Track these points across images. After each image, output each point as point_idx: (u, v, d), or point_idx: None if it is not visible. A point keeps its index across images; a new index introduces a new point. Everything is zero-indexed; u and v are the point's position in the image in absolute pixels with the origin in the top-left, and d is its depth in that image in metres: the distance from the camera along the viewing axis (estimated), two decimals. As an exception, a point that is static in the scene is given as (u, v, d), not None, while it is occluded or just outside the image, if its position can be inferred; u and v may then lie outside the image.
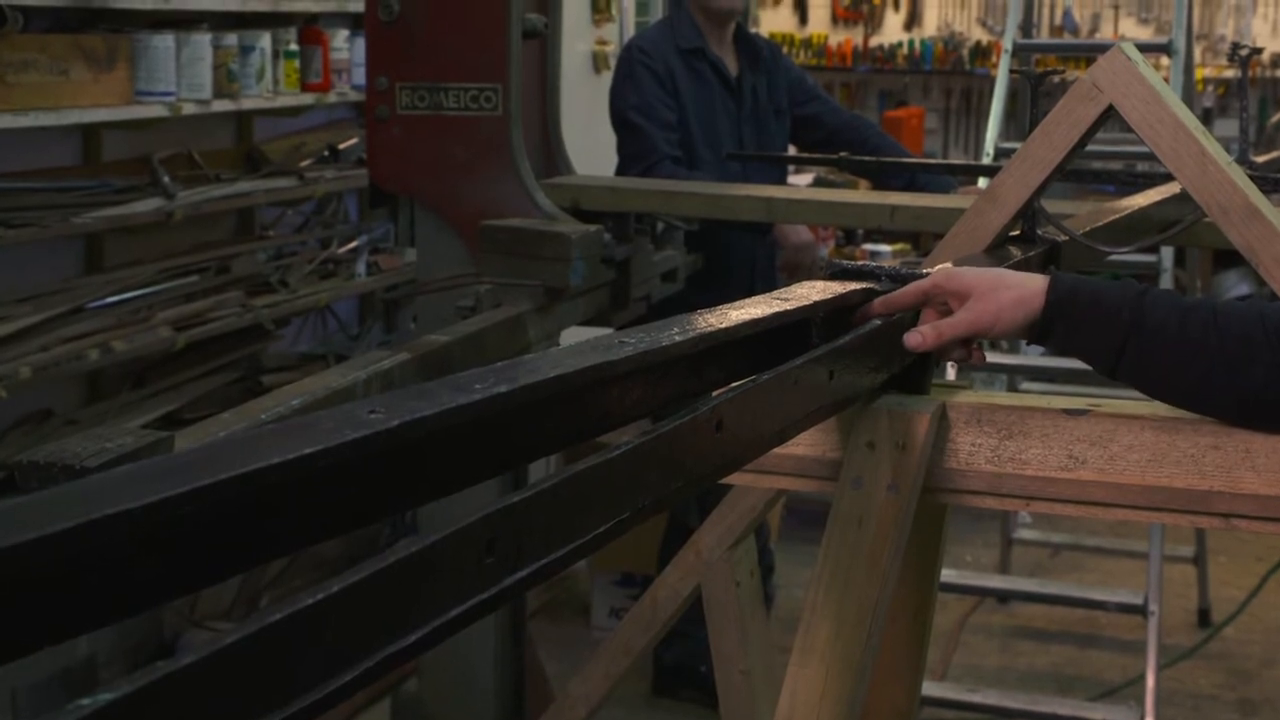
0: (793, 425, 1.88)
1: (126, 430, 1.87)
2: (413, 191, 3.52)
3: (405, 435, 1.17)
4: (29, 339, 3.93)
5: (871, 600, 2.23)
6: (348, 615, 1.12)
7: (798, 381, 1.83)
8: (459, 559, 1.20)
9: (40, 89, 3.99)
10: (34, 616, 0.95)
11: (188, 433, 1.95)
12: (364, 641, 1.14)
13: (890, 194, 4.38)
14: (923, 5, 8.70)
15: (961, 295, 1.92)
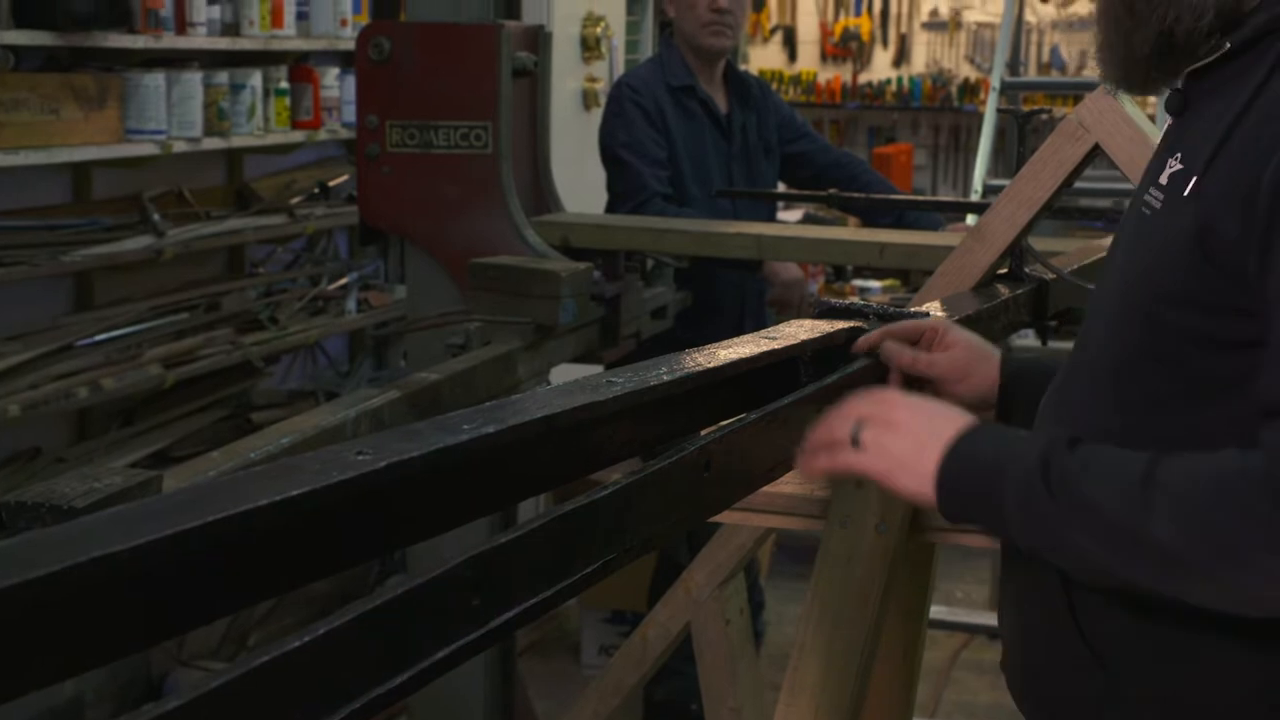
0: (781, 464, 1.88)
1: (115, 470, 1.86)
2: (403, 229, 3.52)
3: (393, 476, 1.18)
4: (18, 377, 3.93)
5: (860, 638, 2.23)
6: (336, 657, 1.12)
7: (786, 420, 1.82)
8: (446, 600, 1.20)
9: (31, 128, 3.99)
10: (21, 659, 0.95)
11: (177, 471, 1.95)
12: (352, 683, 1.14)
13: (879, 231, 4.39)
14: (911, 42, 8.74)
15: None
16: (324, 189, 5.35)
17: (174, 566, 1.03)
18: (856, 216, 5.04)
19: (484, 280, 3.26)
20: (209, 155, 4.91)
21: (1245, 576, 1.40)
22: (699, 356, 1.80)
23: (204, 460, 2.05)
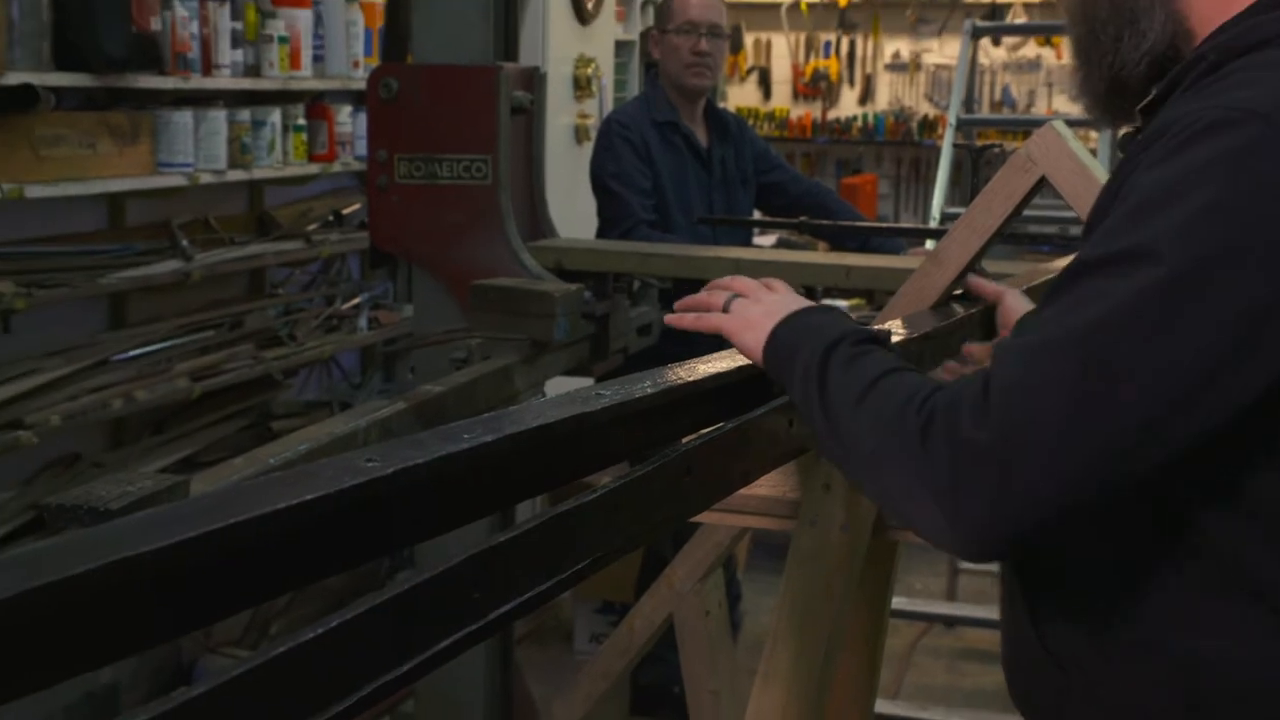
0: (756, 469, 1.88)
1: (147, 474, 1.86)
2: (410, 253, 3.52)
3: (400, 482, 1.18)
4: (58, 389, 3.93)
5: (828, 627, 2.23)
6: (349, 646, 1.12)
7: (760, 429, 1.83)
8: (450, 594, 1.21)
9: (70, 162, 3.99)
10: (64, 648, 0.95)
11: (203, 476, 1.95)
12: (364, 670, 1.14)
13: (846, 255, 4.39)
14: (875, 82, 8.75)
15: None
16: (338, 216, 5.35)
17: (201, 564, 1.03)
18: (826, 241, 5.04)
19: (484, 300, 3.26)
20: (233, 186, 4.91)
21: (890, 480, 1.49)
22: (680, 371, 1.80)
23: (228, 466, 2.05)
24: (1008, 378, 1.39)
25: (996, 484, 1.36)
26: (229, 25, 4.60)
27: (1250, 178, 1.35)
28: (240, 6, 4.68)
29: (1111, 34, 1.62)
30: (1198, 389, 1.35)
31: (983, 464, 1.37)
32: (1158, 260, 1.34)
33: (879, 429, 1.49)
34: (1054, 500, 1.37)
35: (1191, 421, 1.37)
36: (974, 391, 1.41)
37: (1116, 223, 1.41)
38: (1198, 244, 1.34)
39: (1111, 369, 1.35)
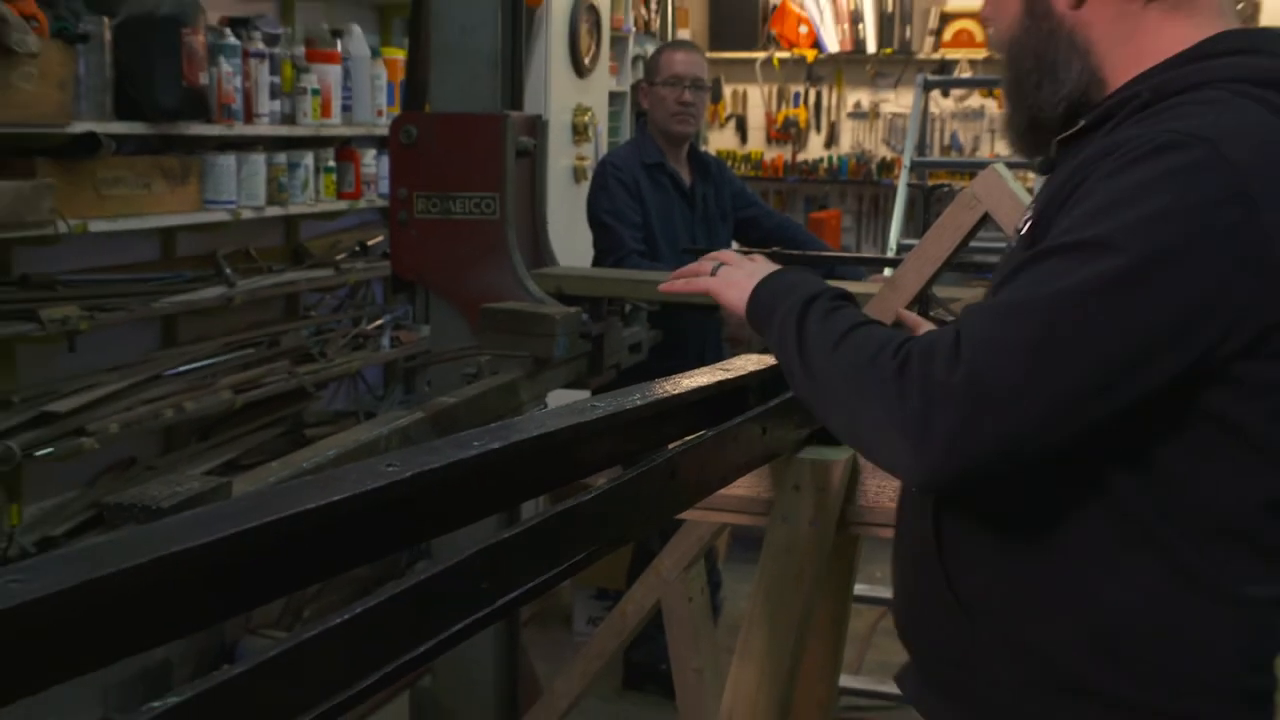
0: (733, 472, 1.89)
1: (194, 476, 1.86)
2: (427, 280, 3.52)
3: (417, 484, 1.18)
4: (117, 401, 3.92)
5: (798, 612, 2.23)
6: (373, 629, 1.12)
7: (737, 437, 1.84)
8: (461, 584, 1.21)
9: (128, 200, 4.00)
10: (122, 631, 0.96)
11: (244, 478, 1.95)
12: (386, 650, 1.14)
13: (813, 281, 4.40)
14: (839, 129, 8.76)
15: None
16: (363, 247, 5.35)
17: (242, 556, 1.03)
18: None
19: (493, 322, 3.26)
20: (270, 220, 4.91)
21: (862, 418, 1.51)
22: (667, 385, 1.81)
23: (266, 469, 2.05)
24: (979, 332, 1.44)
25: (962, 420, 1.41)
26: (268, 79, 4.61)
27: (1196, 192, 1.40)
28: (278, 62, 4.68)
29: (1034, 81, 1.66)
30: (1139, 359, 1.42)
31: (952, 402, 1.41)
32: (1117, 251, 1.40)
33: (855, 368, 1.53)
34: (1009, 440, 1.42)
35: (1130, 387, 1.43)
36: (947, 342, 1.45)
37: (1076, 220, 1.46)
38: (1151, 242, 1.39)
39: (1070, 333, 1.40)
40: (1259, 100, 1.49)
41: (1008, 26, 1.68)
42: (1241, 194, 1.40)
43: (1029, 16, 1.65)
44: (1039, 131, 1.70)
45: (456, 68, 3.46)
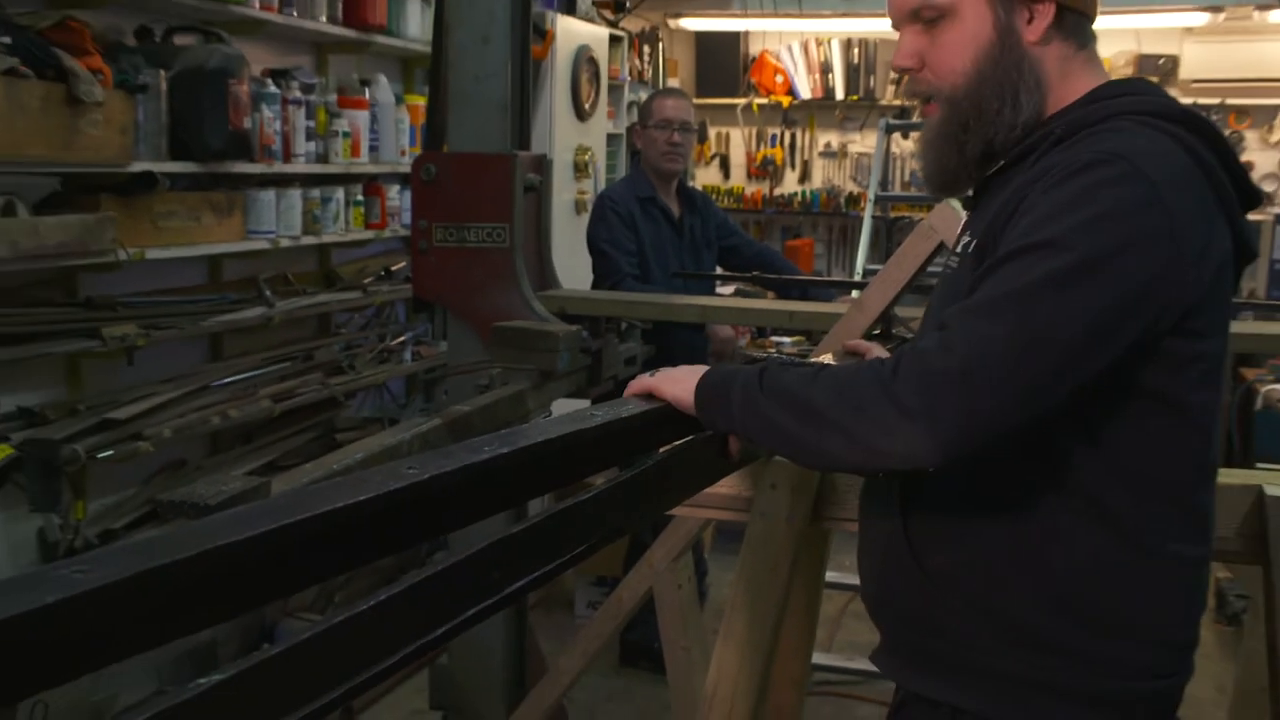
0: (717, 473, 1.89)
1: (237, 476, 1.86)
2: (444, 301, 3.52)
3: (434, 485, 1.18)
4: (169, 409, 3.92)
5: (775, 598, 2.23)
6: (396, 614, 1.12)
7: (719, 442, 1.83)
8: (475, 573, 1.21)
9: (180, 231, 4.00)
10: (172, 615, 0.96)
11: (281, 478, 1.95)
12: (407, 633, 1.14)
13: (789, 302, 4.40)
14: (811, 166, 8.77)
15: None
16: (388, 272, 5.35)
17: (279, 549, 1.03)
18: (773, 291, 5.05)
19: (503, 338, 3.26)
20: (306, 248, 4.91)
21: (864, 426, 1.49)
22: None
23: (301, 470, 2.05)
24: (963, 328, 1.48)
25: (966, 400, 1.45)
26: (304, 123, 4.61)
27: (1124, 198, 1.49)
28: (313, 109, 4.69)
29: (995, 107, 1.67)
30: (1098, 337, 1.48)
31: (954, 387, 1.45)
32: (1067, 248, 1.47)
33: (842, 391, 1.53)
34: (1005, 414, 1.46)
35: (1095, 361, 1.49)
36: (933, 340, 1.50)
37: (1025, 229, 1.52)
38: (1095, 240, 1.47)
39: (1040, 318, 1.46)
40: (1154, 127, 1.59)
41: (969, 61, 1.67)
42: (1158, 199, 1.49)
43: (1000, 46, 1.66)
44: (989, 160, 1.71)
45: (471, 112, 3.47)
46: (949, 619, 1.67)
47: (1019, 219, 1.54)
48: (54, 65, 3.38)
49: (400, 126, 5.26)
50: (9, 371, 3.63)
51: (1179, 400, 1.58)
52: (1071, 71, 1.69)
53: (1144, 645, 1.61)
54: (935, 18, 1.67)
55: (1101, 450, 1.57)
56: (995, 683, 1.64)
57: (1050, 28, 1.67)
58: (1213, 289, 1.56)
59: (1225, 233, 1.59)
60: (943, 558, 1.67)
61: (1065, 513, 1.59)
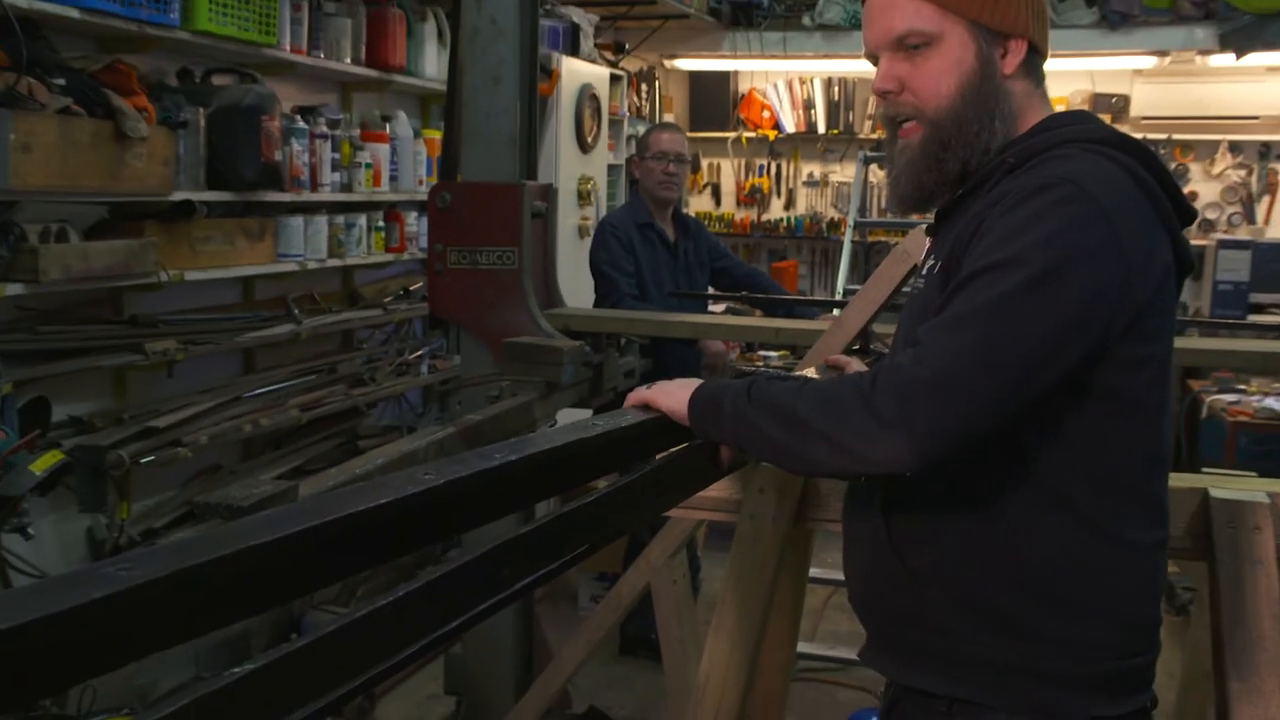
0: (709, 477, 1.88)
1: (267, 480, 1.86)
2: (458, 318, 3.53)
3: (448, 490, 1.18)
4: (206, 418, 3.92)
5: (763, 592, 2.23)
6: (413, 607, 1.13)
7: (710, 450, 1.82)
8: (486, 571, 1.21)
9: (217, 254, 4.00)
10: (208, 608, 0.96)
11: (308, 482, 1.95)
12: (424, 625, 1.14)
13: (776, 320, 4.41)
14: (796, 194, 8.78)
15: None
16: (406, 291, 5.36)
17: (306, 548, 1.03)
18: (761, 309, 5.05)
19: (512, 353, 3.27)
20: (331, 270, 4.91)
21: (846, 435, 1.49)
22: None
23: (326, 475, 2.05)
24: (935, 342, 1.50)
25: (939, 409, 1.46)
26: (330, 155, 4.62)
27: (1075, 217, 1.51)
28: (338, 142, 4.70)
29: (975, 130, 1.68)
30: (1058, 345, 1.49)
31: (928, 397, 1.46)
32: (1025, 264, 1.48)
33: (825, 403, 1.53)
34: (977, 419, 1.47)
35: (1057, 365, 1.50)
36: (907, 354, 1.51)
37: (986, 249, 1.53)
38: (1050, 255, 1.49)
39: (1004, 329, 1.48)
40: (1096, 153, 1.61)
41: (954, 85, 1.67)
42: (1104, 216, 1.51)
43: (981, 75, 1.67)
44: (964, 180, 1.71)
45: (483, 146, 3.48)
46: (933, 613, 1.66)
47: (979, 241, 1.56)
48: (104, 104, 3.40)
49: (418, 158, 5.26)
50: (60, 383, 3.63)
51: (1132, 398, 1.59)
52: (1030, 105, 1.72)
53: (1113, 626, 1.62)
54: (920, 44, 1.67)
55: (1063, 447, 1.58)
56: (980, 671, 1.64)
57: (1020, 64, 1.69)
58: (1158, 296, 1.57)
59: (1166, 245, 1.61)
60: (923, 556, 1.67)
61: (1033, 507, 1.60)
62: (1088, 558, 1.60)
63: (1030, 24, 1.69)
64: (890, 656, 1.77)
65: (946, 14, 1.65)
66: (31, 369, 3.47)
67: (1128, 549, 1.62)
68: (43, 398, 3.51)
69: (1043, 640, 1.61)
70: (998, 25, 1.67)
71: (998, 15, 1.66)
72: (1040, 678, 1.61)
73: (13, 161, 3.07)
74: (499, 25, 3.44)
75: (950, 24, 1.66)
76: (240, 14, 3.96)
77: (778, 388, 1.60)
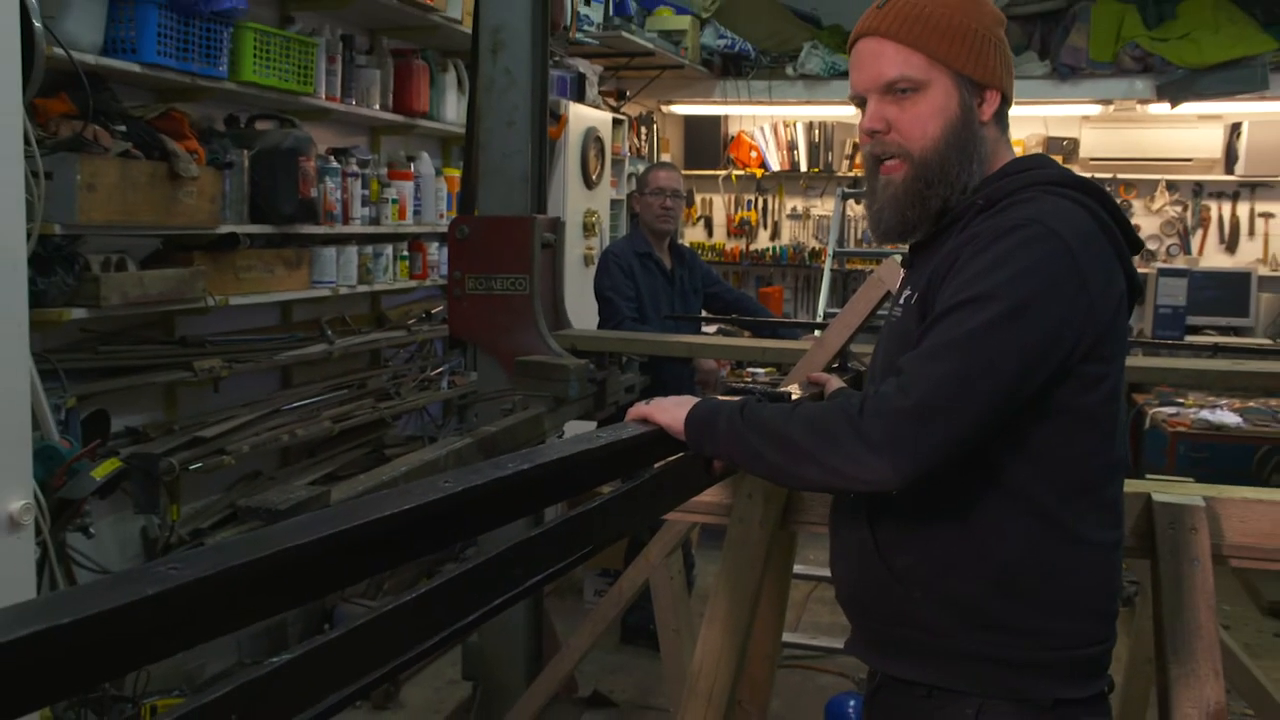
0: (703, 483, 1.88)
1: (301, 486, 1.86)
2: (475, 339, 3.53)
3: (466, 497, 1.18)
4: (248, 428, 3.92)
5: (751, 588, 2.23)
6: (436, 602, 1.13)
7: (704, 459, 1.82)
8: (501, 570, 1.21)
9: (258, 281, 4.01)
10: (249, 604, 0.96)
11: (339, 487, 1.95)
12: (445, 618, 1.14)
13: (763, 340, 4.42)
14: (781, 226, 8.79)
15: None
16: (428, 315, 5.36)
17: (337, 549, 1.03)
18: (749, 330, 5.06)
19: (524, 370, 3.27)
20: (360, 295, 4.92)
21: (836, 457, 1.49)
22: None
23: (355, 481, 2.05)
24: (917, 372, 1.50)
25: (920, 434, 1.46)
26: (360, 192, 4.63)
27: (1040, 255, 1.52)
28: (367, 180, 4.71)
29: (955, 171, 1.68)
30: (1027, 371, 1.50)
31: (910, 422, 1.46)
32: (997, 300, 1.50)
33: (816, 424, 1.53)
34: (955, 442, 1.48)
35: (1025, 391, 1.51)
36: (890, 384, 1.51)
37: (961, 285, 1.54)
38: (1018, 292, 1.50)
39: (981, 358, 1.48)
40: (1057, 194, 1.62)
41: (939, 129, 1.67)
42: (1068, 252, 1.52)
43: (963, 121, 1.67)
44: (944, 215, 1.71)
45: (498, 183, 3.49)
46: (914, 609, 1.66)
47: (954, 276, 1.56)
48: (159, 148, 3.43)
49: (439, 194, 5.28)
50: (118, 397, 3.64)
51: (1090, 413, 1.59)
52: (998, 149, 1.73)
53: (1076, 618, 1.62)
54: (909, 90, 1.67)
55: (1029, 459, 1.58)
56: (956, 661, 1.64)
57: (994, 112, 1.71)
58: (1114, 321, 1.58)
59: (1120, 275, 1.61)
60: (906, 558, 1.67)
61: (1003, 513, 1.60)
62: (1053, 557, 1.60)
63: (1003, 77, 1.71)
64: (876, 650, 1.77)
65: (934, 64, 1.66)
66: (93, 385, 3.48)
67: (1089, 548, 1.62)
68: (103, 411, 3.52)
69: (1012, 632, 1.61)
70: (978, 76, 1.68)
71: (979, 68, 1.68)
72: (1011, 665, 1.61)
73: (79, 199, 3.09)
74: (513, 75, 3.45)
75: (937, 73, 1.66)
76: (281, 66, 3.98)
77: (769, 410, 1.60)
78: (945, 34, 1.66)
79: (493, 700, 3.65)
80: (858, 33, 1.72)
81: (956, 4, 1.68)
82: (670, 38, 6.95)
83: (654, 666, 4.40)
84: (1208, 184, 7.77)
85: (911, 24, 1.66)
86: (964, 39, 1.66)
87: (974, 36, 1.67)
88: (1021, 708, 1.62)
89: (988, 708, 1.62)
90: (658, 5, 7.08)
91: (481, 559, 1.19)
